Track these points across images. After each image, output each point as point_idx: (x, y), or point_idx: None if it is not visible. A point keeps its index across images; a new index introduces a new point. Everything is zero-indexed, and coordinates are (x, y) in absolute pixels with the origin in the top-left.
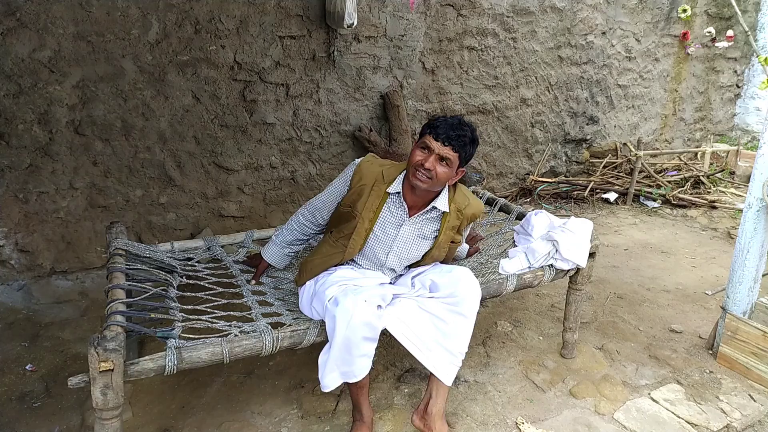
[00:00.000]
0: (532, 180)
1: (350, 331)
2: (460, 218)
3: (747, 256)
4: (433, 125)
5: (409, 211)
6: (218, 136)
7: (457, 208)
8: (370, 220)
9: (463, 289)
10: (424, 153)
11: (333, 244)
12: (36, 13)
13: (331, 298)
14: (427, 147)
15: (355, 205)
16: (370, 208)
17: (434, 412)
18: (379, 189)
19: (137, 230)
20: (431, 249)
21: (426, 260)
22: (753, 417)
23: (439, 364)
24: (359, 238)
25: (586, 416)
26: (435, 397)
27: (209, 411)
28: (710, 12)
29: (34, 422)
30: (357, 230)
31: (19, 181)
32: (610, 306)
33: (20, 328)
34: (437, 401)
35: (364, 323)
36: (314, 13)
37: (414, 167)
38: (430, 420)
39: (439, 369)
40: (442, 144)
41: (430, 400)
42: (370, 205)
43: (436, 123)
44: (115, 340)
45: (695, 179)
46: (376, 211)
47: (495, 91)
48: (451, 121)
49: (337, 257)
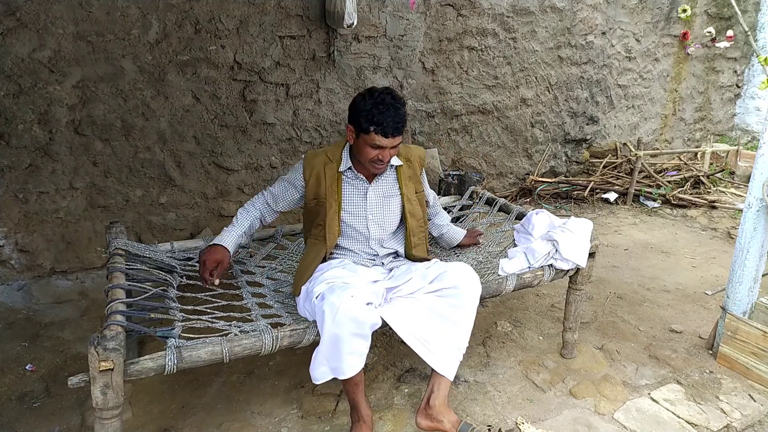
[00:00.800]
0: (532, 180)
1: (336, 326)
2: (411, 166)
3: (747, 256)
4: (378, 122)
5: (367, 178)
6: (218, 136)
7: (405, 159)
8: (336, 201)
9: (462, 282)
10: (376, 150)
11: (314, 242)
12: (36, 13)
13: (319, 295)
14: (379, 146)
15: (318, 195)
16: (332, 191)
17: (437, 403)
18: (332, 170)
19: (137, 230)
20: (403, 205)
21: (411, 221)
22: (753, 417)
23: (441, 359)
24: (333, 221)
25: (586, 416)
26: (437, 390)
27: (209, 411)
28: (710, 12)
29: (34, 422)
30: (329, 216)
31: (19, 181)
32: (610, 306)
33: (20, 328)
34: (439, 393)
35: (350, 318)
36: (314, 13)
37: (370, 161)
38: (435, 412)
39: (442, 364)
40: (392, 138)
41: (432, 394)
42: (330, 189)
43: (382, 120)
44: (115, 339)
45: (695, 179)
46: (338, 190)
47: (495, 91)
48: (392, 113)
49: (322, 250)
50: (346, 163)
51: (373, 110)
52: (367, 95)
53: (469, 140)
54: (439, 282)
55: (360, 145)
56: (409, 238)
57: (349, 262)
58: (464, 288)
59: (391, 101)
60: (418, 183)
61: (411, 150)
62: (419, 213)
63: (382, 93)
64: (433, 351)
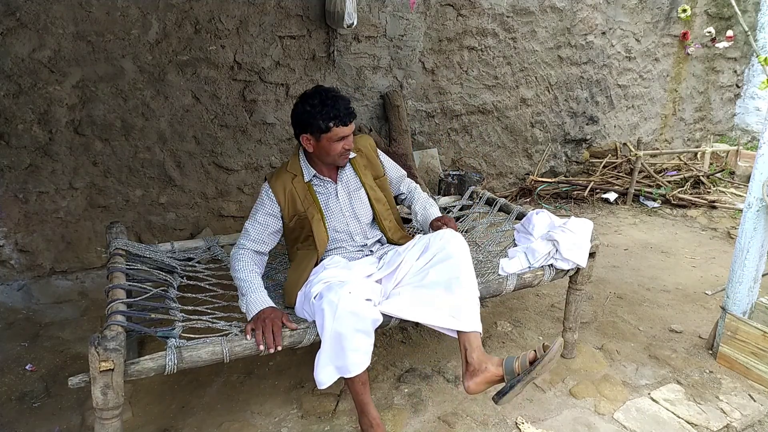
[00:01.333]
0: (532, 180)
1: (337, 322)
2: (362, 155)
3: (747, 256)
4: (334, 115)
5: (332, 179)
6: (218, 136)
7: (355, 150)
8: (317, 210)
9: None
10: (341, 141)
11: (304, 252)
12: (36, 13)
13: (317, 295)
14: (342, 137)
15: (297, 211)
16: (309, 202)
17: (475, 357)
18: (300, 183)
19: (137, 230)
20: (367, 192)
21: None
22: (753, 417)
23: (461, 317)
24: (320, 230)
25: (586, 416)
26: (469, 347)
27: (209, 411)
28: (710, 12)
29: (34, 422)
30: (315, 226)
31: (19, 181)
32: (610, 306)
33: (20, 328)
34: (473, 349)
35: (351, 312)
36: (314, 13)
37: (339, 155)
38: (476, 365)
39: (463, 322)
40: (350, 124)
41: (466, 352)
42: (306, 200)
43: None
44: (115, 339)
45: (695, 179)
46: (314, 200)
47: (495, 91)
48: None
49: (313, 257)
50: (310, 172)
51: (324, 108)
52: (306, 100)
53: (469, 140)
54: (429, 252)
55: (324, 146)
56: (381, 223)
57: (340, 259)
58: (451, 246)
59: (332, 93)
60: (375, 168)
61: (358, 140)
62: (383, 197)
63: (317, 92)
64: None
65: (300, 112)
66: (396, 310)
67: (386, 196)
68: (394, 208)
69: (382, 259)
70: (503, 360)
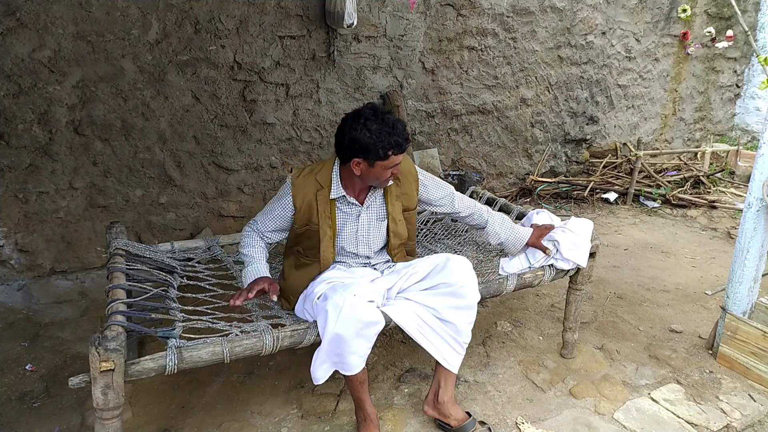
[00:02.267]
0: (532, 180)
1: (340, 326)
2: (399, 185)
3: (747, 256)
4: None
5: (357, 198)
6: (218, 136)
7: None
8: (330, 228)
9: (462, 282)
10: (392, 168)
11: (306, 261)
12: (36, 13)
13: (321, 296)
14: (395, 164)
15: (310, 222)
16: (325, 218)
17: (446, 399)
18: (324, 196)
19: (137, 230)
20: (388, 224)
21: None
22: (753, 417)
23: (446, 354)
24: (328, 248)
25: (586, 416)
26: (444, 386)
27: (209, 411)
28: (710, 12)
29: (34, 422)
30: (323, 242)
31: (19, 181)
32: (610, 306)
33: (20, 328)
34: (447, 389)
35: (355, 318)
36: (314, 13)
37: (386, 180)
38: (444, 407)
39: (447, 359)
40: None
41: (439, 389)
42: (324, 215)
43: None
44: (116, 339)
45: (695, 179)
46: (332, 217)
47: (495, 91)
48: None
49: (314, 270)
50: (338, 190)
51: (382, 135)
52: (362, 123)
53: (469, 140)
54: (439, 276)
55: (375, 172)
56: (390, 252)
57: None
58: (462, 283)
59: (390, 118)
60: (408, 200)
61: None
62: (403, 233)
63: (375, 114)
64: (438, 346)
65: (356, 137)
66: (397, 317)
67: (409, 230)
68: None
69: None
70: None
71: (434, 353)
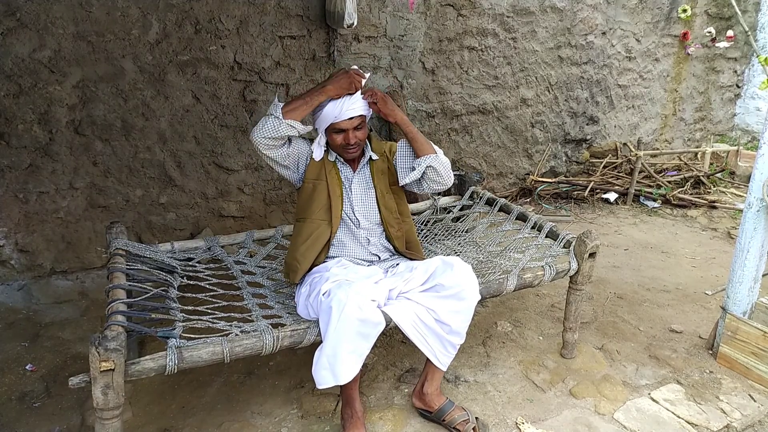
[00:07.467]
0: (532, 180)
1: (342, 322)
2: (385, 161)
3: (747, 256)
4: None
5: (351, 165)
6: (218, 136)
7: (379, 153)
8: (338, 185)
9: (463, 287)
10: (340, 134)
11: (317, 222)
12: (36, 13)
13: (326, 292)
14: (341, 130)
15: (319, 176)
16: (332, 175)
17: (431, 391)
18: (327, 160)
19: (137, 230)
20: (377, 197)
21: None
22: (753, 417)
23: (437, 352)
24: (337, 203)
25: (586, 416)
26: (431, 379)
27: (209, 411)
28: (710, 12)
29: (34, 422)
30: (332, 197)
31: (19, 181)
32: (610, 306)
33: (20, 328)
34: (433, 382)
35: (357, 317)
36: (314, 13)
37: (341, 148)
38: (428, 398)
39: (438, 357)
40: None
41: (426, 381)
42: (331, 173)
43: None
44: (116, 339)
45: (695, 179)
46: (337, 176)
47: (495, 91)
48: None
49: (326, 232)
50: (333, 154)
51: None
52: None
53: (469, 140)
54: (440, 279)
55: (332, 138)
56: (387, 229)
57: (347, 262)
58: (466, 291)
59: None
60: (391, 175)
61: (382, 146)
62: (393, 206)
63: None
64: (431, 344)
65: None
66: (396, 315)
67: (399, 206)
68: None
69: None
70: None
71: (426, 350)
